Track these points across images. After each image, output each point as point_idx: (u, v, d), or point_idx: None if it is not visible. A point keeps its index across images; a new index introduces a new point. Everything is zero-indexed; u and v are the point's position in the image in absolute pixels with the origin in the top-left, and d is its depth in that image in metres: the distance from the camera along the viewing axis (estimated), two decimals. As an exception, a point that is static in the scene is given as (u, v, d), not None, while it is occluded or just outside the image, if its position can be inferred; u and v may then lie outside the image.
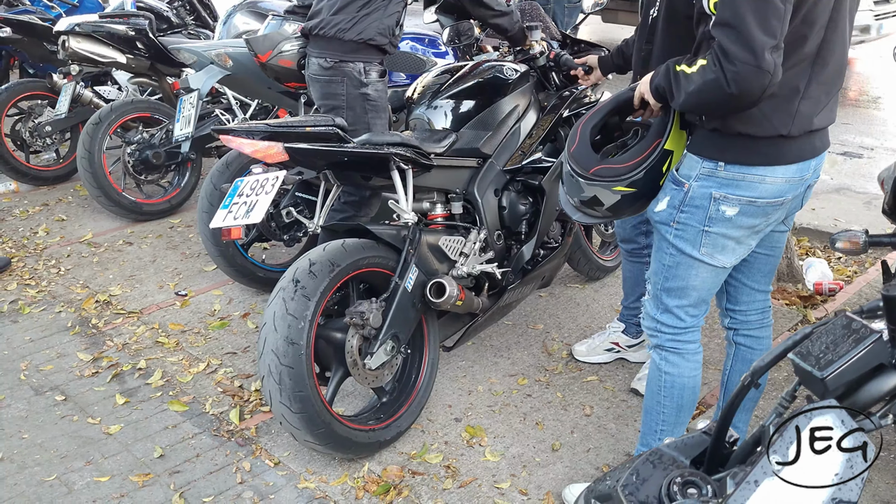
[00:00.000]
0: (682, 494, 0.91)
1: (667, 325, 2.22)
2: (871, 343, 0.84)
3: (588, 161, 2.14)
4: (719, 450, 0.94)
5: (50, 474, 2.64)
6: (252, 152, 2.43)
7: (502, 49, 3.42)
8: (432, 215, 2.95)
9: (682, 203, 2.03)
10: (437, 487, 2.55)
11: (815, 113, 1.91)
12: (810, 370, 0.84)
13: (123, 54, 4.83)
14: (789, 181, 1.95)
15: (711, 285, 2.15)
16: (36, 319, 3.70)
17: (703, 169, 1.98)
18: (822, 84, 1.90)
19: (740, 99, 1.76)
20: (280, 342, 2.38)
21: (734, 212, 1.97)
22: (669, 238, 2.09)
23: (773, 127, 1.88)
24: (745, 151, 1.92)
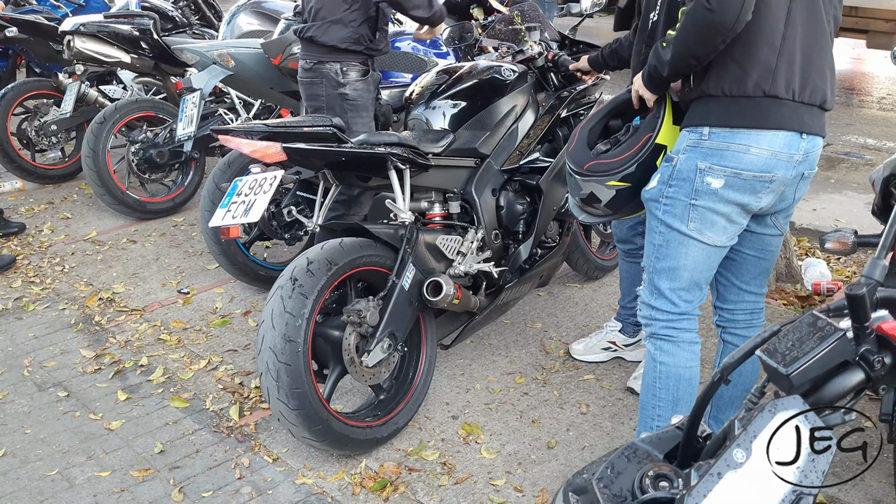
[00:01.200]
0: (654, 487, 0.93)
1: (661, 311, 2.22)
2: (835, 341, 0.86)
3: (583, 158, 2.20)
4: (691, 444, 0.97)
5: (52, 469, 2.67)
6: (251, 152, 2.46)
7: (501, 50, 3.45)
8: (430, 214, 2.98)
9: (670, 177, 2.07)
10: (433, 484, 2.58)
11: (793, 72, 1.95)
12: (776, 367, 0.87)
13: (128, 54, 4.88)
14: (776, 155, 1.98)
15: (703, 267, 2.16)
16: (40, 316, 3.74)
17: (690, 140, 2.03)
18: (796, 43, 1.95)
19: (721, 14, 1.84)
20: (278, 340, 2.41)
21: (720, 184, 2.00)
22: (658, 214, 2.12)
23: (755, 84, 1.94)
24: (728, 112, 1.97)
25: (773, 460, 0.81)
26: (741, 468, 0.80)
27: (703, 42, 1.93)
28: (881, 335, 0.88)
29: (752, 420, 0.84)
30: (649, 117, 2.16)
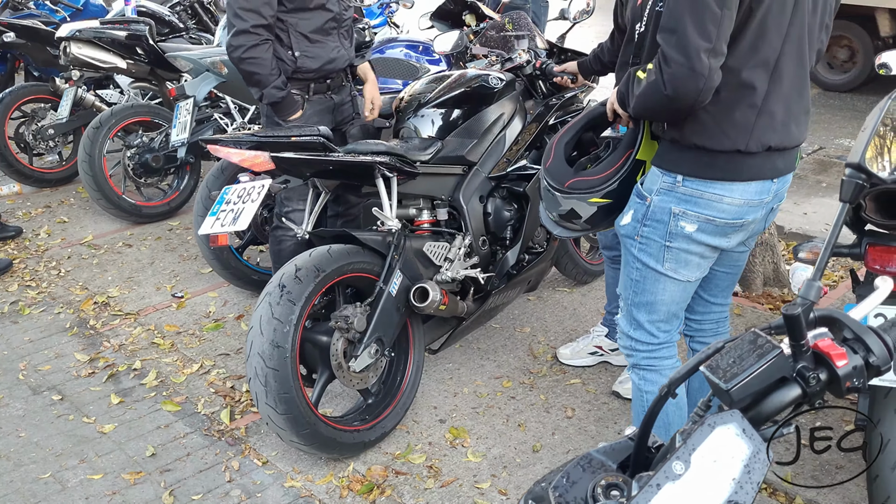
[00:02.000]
0: (606, 496, 0.97)
1: (641, 343, 2.23)
2: (773, 358, 0.90)
3: (563, 175, 2.21)
4: (643, 454, 1.01)
5: (45, 472, 2.72)
6: (239, 161, 2.50)
7: (490, 58, 3.49)
8: (418, 221, 3.03)
9: (644, 217, 2.06)
10: (420, 487, 2.62)
11: (773, 128, 1.91)
12: (717, 382, 0.91)
13: (123, 59, 4.93)
14: (748, 203, 1.96)
15: (680, 299, 2.17)
16: (35, 320, 3.79)
17: (664, 183, 2.01)
18: (781, 99, 1.91)
19: (676, 101, 1.80)
20: (266, 345, 2.46)
21: (693, 228, 1.99)
22: (634, 252, 2.12)
23: (729, 141, 1.90)
24: (701, 165, 1.94)
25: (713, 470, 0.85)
26: (679, 479, 0.84)
27: (662, 113, 1.92)
28: (817, 352, 0.92)
29: (692, 433, 0.88)
30: (629, 132, 2.18)
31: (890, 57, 3.23)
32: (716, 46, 1.75)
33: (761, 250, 3.85)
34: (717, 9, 1.73)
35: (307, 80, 3.21)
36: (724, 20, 1.74)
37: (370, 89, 3.55)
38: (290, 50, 3.13)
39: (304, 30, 3.13)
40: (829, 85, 7.34)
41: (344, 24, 3.27)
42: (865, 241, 2.03)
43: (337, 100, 3.36)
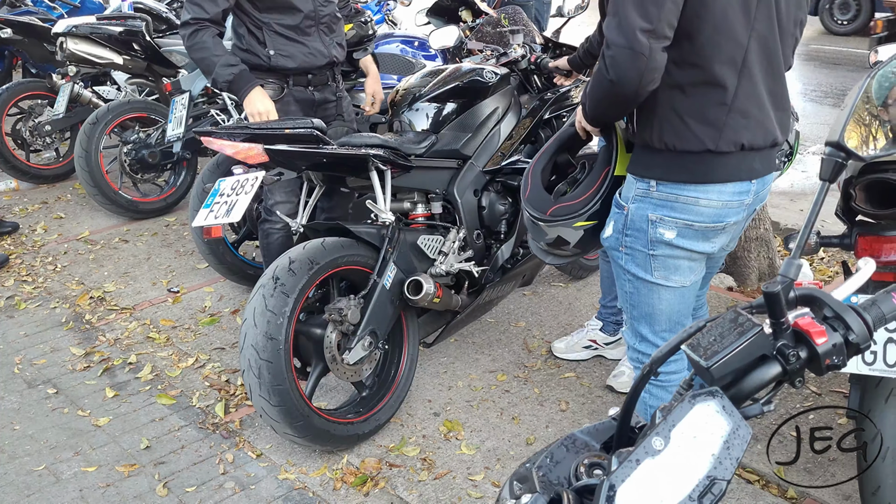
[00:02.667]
0: (588, 475, 0.98)
1: (647, 356, 2.18)
2: (754, 335, 0.90)
3: (543, 203, 2.16)
4: (625, 434, 1.02)
5: (39, 464, 2.72)
6: (233, 153, 2.51)
7: (486, 53, 3.50)
8: (413, 215, 3.03)
9: (624, 227, 2.01)
10: (413, 479, 2.63)
11: (746, 127, 1.86)
12: (698, 360, 0.91)
13: (120, 55, 4.93)
14: (727, 205, 1.91)
15: (679, 306, 2.10)
16: (31, 315, 3.79)
17: (638, 190, 1.97)
18: (753, 97, 1.86)
19: (619, 86, 1.77)
20: (259, 337, 2.46)
21: (672, 234, 1.94)
22: (622, 264, 2.07)
23: (699, 140, 1.85)
24: (672, 167, 1.90)
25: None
26: (659, 455, 0.85)
27: (608, 105, 1.90)
28: (797, 330, 0.93)
29: (672, 410, 0.88)
30: (602, 149, 2.13)
31: (885, 53, 3.24)
32: (656, 28, 1.72)
33: (756, 245, 3.86)
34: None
35: (283, 72, 3.21)
36: (666, 3, 1.72)
37: (371, 83, 3.55)
38: (265, 47, 3.14)
39: (279, 29, 3.14)
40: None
41: (323, 20, 3.25)
42: (856, 231, 2.03)
43: (318, 97, 3.33)
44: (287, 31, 3.15)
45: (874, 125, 1.10)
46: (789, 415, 2.84)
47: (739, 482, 2.53)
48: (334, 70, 3.39)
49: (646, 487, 0.83)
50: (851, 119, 1.13)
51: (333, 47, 3.31)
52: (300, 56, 3.19)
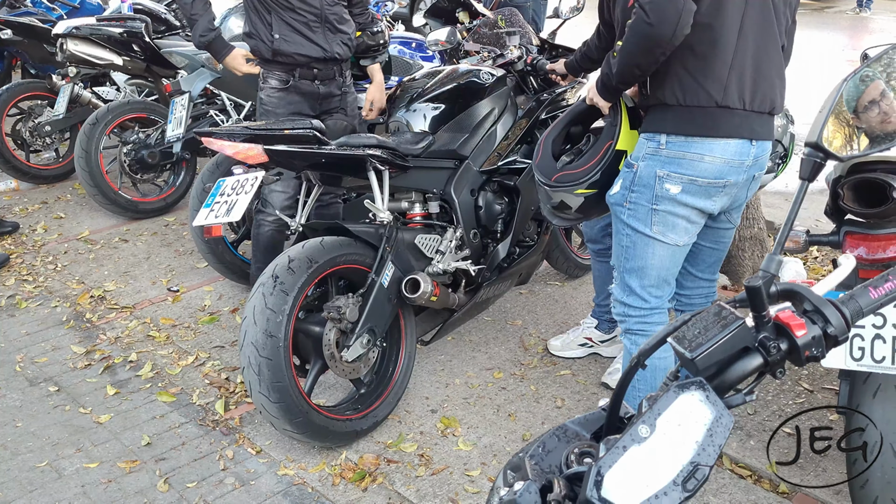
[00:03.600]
0: (579, 463, 1.02)
1: (633, 308, 2.36)
2: (736, 328, 0.94)
3: (550, 170, 2.34)
4: (615, 424, 1.05)
5: (41, 461, 2.76)
6: (233, 154, 2.55)
7: (483, 54, 3.53)
8: (410, 214, 3.07)
9: (632, 183, 2.19)
10: (411, 475, 2.67)
11: (744, 84, 2.07)
12: (683, 352, 0.95)
13: (120, 56, 4.97)
14: (728, 162, 2.10)
15: (669, 264, 2.29)
16: (32, 314, 3.82)
17: (648, 148, 2.15)
18: (748, 57, 2.07)
19: (659, 28, 1.95)
20: (259, 335, 2.50)
21: (677, 190, 2.13)
22: (624, 218, 2.25)
23: (707, 95, 2.06)
24: (682, 121, 2.09)
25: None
26: (645, 442, 0.88)
27: (644, 53, 2.05)
28: (778, 323, 0.96)
29: (658, 399, 0.92)
30: (607, 125, 2.28)
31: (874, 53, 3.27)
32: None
33: (751, 244, 3.90)
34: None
35: (289, 63, 3.32)
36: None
37: (373, 90, 3.65)
38: (271, 30, 3.26)
39: (285, 18, 3.27)
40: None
41: (329, 19, 3.35)
42: (844, 230, 2.08)
43: (323, 91, 3.45)
44: (293, 23, 3.28)
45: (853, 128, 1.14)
46: (789, 415, 2.88)
47: (732, 477, 2.57)
48: (341, 66, 3.50)
49: (632, 473, 0.87)
50: (834, 120, 1.17)
51: (337, 45, 3.40)
52: (302, 45, 3.31)
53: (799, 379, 3.05)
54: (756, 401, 2.94)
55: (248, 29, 3.36)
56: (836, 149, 1.11)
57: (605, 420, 1.06)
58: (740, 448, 2.69)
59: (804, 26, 9.22)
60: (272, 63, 3.33)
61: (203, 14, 3.28)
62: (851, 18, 11.68)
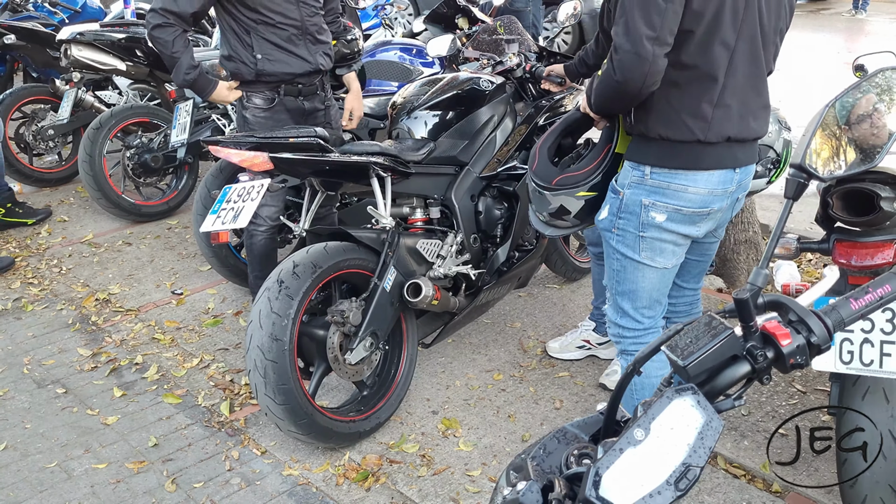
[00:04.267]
0: (578, 464, 1.08)
1: (627, 329, 2.40)
2: (726, 337, 1.01)
3: (549, 174, 2.37)
4: (611, 427, 1.12)
5: (51, 461, 2.82)
6: (239, 161, 2.61)
7: (482, 61, 3.59)
8: (412, 219, 3.14)
9: (619, 210, 2.22)
10: (413, 475, 2.73)
11: (730, 120, 2.08)
12: (676, 360, 1.01)
13: (123, 62, 5.02)
14: (712, 192, 2.13)
15: (660, 285, 2.33)
16: (38, 316, 3.88)
17: (634, 177, 2.18)
18: (736, 93, 2.08)
19: (625, 85, 1.98)
20: (265, 339, 2.56)
21: (663, 218, 2.16)
22: (613, 244, 2.28)
23: (690, 132, 2.07)
24: (665, 155, 2.11)
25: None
26: (640, 444, 0.95)
27: (613, 101, 2.10)
28: (765, 333, 1.03)
29: (652, 404, 0.98)
30: (605, 130, 2.33)
31: (867, 60, 3.34)
32: (659, 35, 1.93)
33: (746, 248, 3.97)
34: (662, 2, 1.92)
35: (273, 82, 3.28)
36: (668, 13, 1.93)
37: (351, 99, 3.63)
38: (252, 51, 3.21)
39: (266, 35, 3.21)
40: None
41: (309, 30, 3.31)
42: (834, 238, 2.14)
43: (308, 106, 3.40)
44: (274, 39, 3.23)
45: (841, 144, 1.20)
46: (783, 416, 2.94)
47: (727, 477, 2.64)
48: (323, 79, 3.47)
49: (628, 473, 0.93)
50: (821, 136, 1.23)
51: (320, 55, 3.38)
52: (288, 64, 3.26)
53: (792, 381, 3.12)
54: (751, 402, 3.00)
55: (226, 52, 3.28)
56: (821, 166, 1.17)
57: (603, 423, 1.12)
58: (734, 448, 2.75)
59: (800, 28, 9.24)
60: (256, 83, 3.27)
61: (184, 52, 3.14)
62: (847, 20, 11.75)
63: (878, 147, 1.22)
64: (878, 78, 1.30)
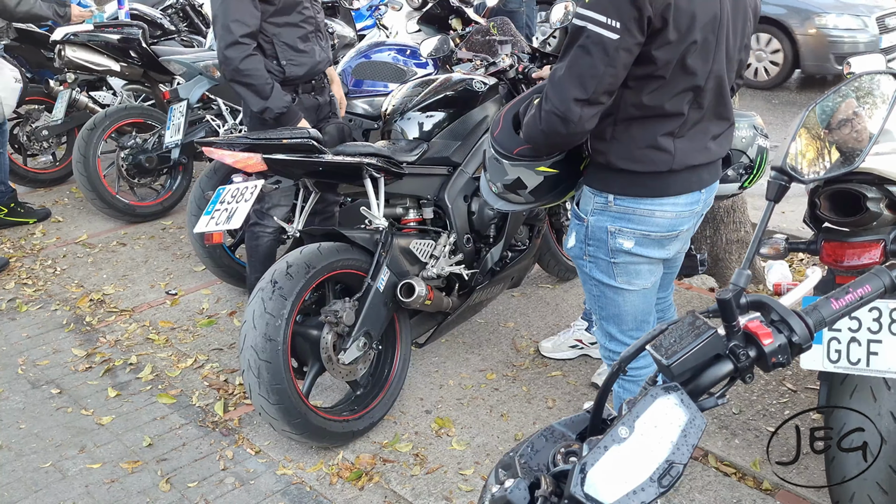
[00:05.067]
0: (565, 461, 1.10)
1: (617, 353, 2.33)
2: (709, 337, 1.02)
3: (511, 143, 2.19)
4: (597, 425, 1.14)
5: (45, 461, 2.83)
6: (233, 163, 2.62)
7: (475, 62, 3.61)
8: (405, 220, 3.15)
9: (586, 237, 2.13)
10: (406, 474, 2.74)
11: (694, 150, 2.00)
12: (660, 358, 1.03)
13: (117, 62, 5.03)
14: (679, 215, 2.06)
15: (643, 306, 2.25)
16: (33, 317, 3.89)
17: (597, 203, 2.09)
18: (700, 126, 2.01)
19: (548, 137, 1.93)
20: (259, 339, 2.57)
21: (631, 244, 2.07)
22: (587, 271, 2.20)
23: (653, 164, 1.98)
24: (630, 185, 2.02)
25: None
26: (624, 442, 0.97)
27: (540, 144, 2.02)
28: (748, 332, 1.05)
29: (636, 403, 1.00)
30: None
31: (857, 62, 3.36)
32: (591, 98, 1.84)
33: (737, 248, 3.99)
34: (601, 67, 1.81)
35: (295, 83, 3.36)
36: (606, 77, 1.82)
37: (336, 90, 3.73)
38: (276, 60, 3.26)
39: (287, 39, 3.27)
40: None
41: (319, 29, 3.43)
42: (821, 238, 2.17)
43: (321, 101, 3.54)
44: (294, 41, 3.30)
45: (822, 147, 1.22)
46: (774, 414, 2.97)
47: (717, 475, 2.66)
48: (324, 73, 3.57)
49: (613, 470, 0.95)
50: (804, 137, 1.25)
51: (328, 50, 3.50)
52: (308, 63, 3.36)
53: (783, 380, 3.14)
54: (741, 401, 3.03)
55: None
56: (803, 168, 1.19)
57: (590, 421, 1.14)
58: (725, 446, 2.78)
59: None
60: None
61: (274, 85, 3.16)
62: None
63: (858, 149, 1.24)
64: (859, 82, 1.32)
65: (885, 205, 2.05)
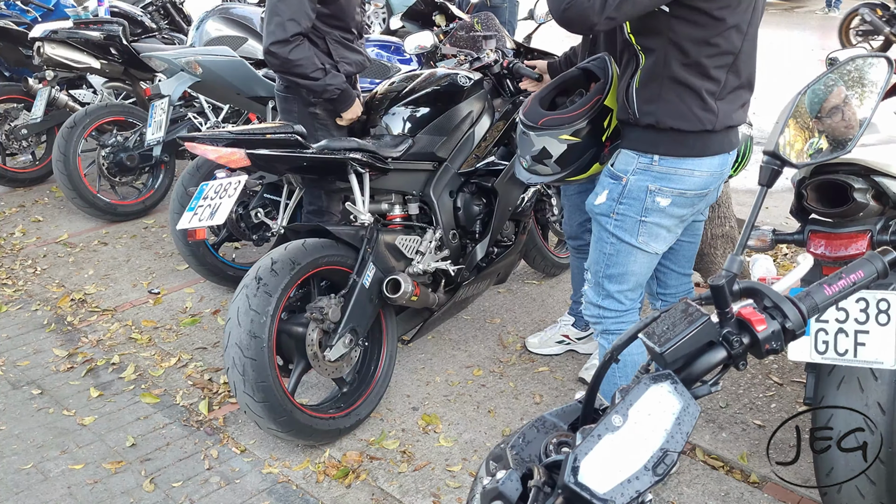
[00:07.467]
0: (557, 452, 1.08)
1: (609, 310, 2.46)
2: (702, 324, 1.01)
3: (537, 115, 2.38)
4: (590, 415, 1.12)
5: (27, 463, 2.78)
6: (216, 158, 2.59)
7: (459, 57, 3.59)
8: (391, 216, 3.13)
9: (620, 195, 2.28)
10: (393, 471, 2.72)
11: (732, 111, 2.19)
12: (653, 346, 1.02)
13: (97, 60, 4.98)
14: (712, 174, 2.23)
15: (647, 270, 2.41)
16: (13, 317, 3.83)
17: (640, 164, 2.24)
18: (736, 88, 2.19)
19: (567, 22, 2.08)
20: (243, 336, 2.54)
21: (667, 202, 2.24)
22: (609, 228, 2.33)
23: (700, 123, 2.15)
24: (676, 145, 2.19)
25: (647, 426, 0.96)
26: (618, 430, 0.95)
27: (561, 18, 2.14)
28: (741, 319, 1.04)
29: (629, 391, 0.99)
30: (598, 84, 2.34)
31: (841, 56, 3.38)
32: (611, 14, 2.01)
33: (722, 242, 3.99)
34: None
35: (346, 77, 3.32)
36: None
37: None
38: (330, 57, 3.23)
39: (339, 38, 3.27)
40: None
41: (359, 27, 3.40)
42: (808, 229, 2.17)
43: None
44: (343, 41, 3.29)
45: (813, 132, 1.22)
46: (770, 412, 2.97)
47: (705, 468, 2.66)
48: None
49: (606, 459, 0.94)
50: (794, 126, 1.25)
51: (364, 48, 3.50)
52: (357, 62, 3.36)
53: (769, 373, 3.15)
54: (728, 394, 3.03)
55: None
56: (795, 155, 1.18)
57: (581, 411, 1.13)
58: (713, 440, 2.78)
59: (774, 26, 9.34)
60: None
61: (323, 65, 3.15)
62: (821, 18, 11.89)
63: (849, 134, 1.24)
64: (849, 66, 1.31)
65: (871, 195, 2.05)
